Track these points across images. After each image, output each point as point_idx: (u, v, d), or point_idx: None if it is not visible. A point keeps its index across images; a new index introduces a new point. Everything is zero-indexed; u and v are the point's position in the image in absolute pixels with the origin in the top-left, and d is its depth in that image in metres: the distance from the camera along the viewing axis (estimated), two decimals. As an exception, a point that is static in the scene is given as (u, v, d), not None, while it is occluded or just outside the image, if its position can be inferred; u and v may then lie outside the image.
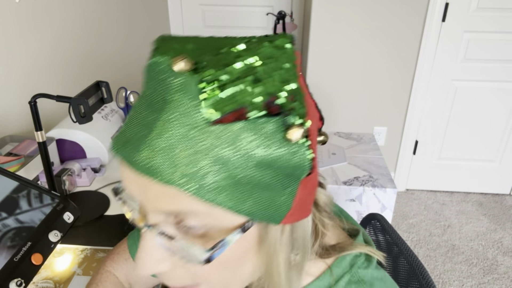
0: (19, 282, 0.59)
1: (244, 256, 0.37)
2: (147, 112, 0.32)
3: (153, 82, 0.32)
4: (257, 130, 0.31)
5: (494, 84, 2.28)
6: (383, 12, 2.18)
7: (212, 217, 0.33)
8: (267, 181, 0.33)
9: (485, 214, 2.39)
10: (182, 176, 0.30)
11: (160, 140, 0.31)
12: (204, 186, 0.30)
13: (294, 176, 0.34)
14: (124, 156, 0.33)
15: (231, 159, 0.31)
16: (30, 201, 0.68)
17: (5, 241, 0.61)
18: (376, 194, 1.68)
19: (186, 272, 0.37)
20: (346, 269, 0.44)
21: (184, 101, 0.30)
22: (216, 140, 0.30)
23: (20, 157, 1.11)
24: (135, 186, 0.34)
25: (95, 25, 1.74)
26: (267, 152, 0.32)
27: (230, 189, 0.31)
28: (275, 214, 0.35)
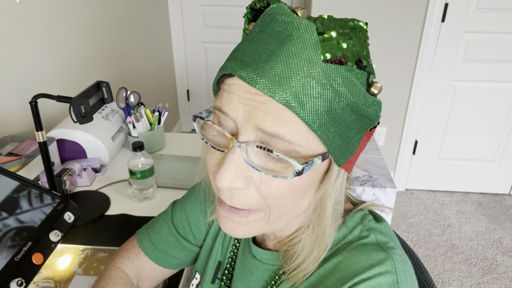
0: (20, 281, 0.59)
1: (309, 187, 0.43)
2: (269, 41, 0.39)
3: (277, 21, 0.39)
4: (352, 77, 0.39)
5: (494, 84, 2.29)
6: (382, 13, 2.18)
7: (305, 139, 0.39)
8: (350, 123, 0.41)
9: (485, 214, 2.39)
10: (292, 98, 0.37)
11: (282, 66, 0.37)
12: (309, 110, 0.38)
13: (364, 125, 0.43)
14: (245, 75, 0.38)
15: (331, 95, 0.38)
16: (31, 201, 0.68)
17: (6, 241, 0.61)
18: (375, 194, 1.68)
19: (256, 194, 0.42)
20: (358, 222, 0.51)
21: (305, 38, 0.38)
22: (324, 75, 0.38)
23: (21, 157, 1.11)
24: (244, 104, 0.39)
25: (96, 26, 1.75)
26: (357, 97, 0.40)
27: (324, 119, 0.38)
28: (344, 153, 0.42)
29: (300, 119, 0.38)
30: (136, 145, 1.06)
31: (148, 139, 1.37)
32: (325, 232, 0.46)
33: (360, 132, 0.42)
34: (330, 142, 0.40)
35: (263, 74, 0.38)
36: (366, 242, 0.48)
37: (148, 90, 2.46)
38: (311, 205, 0.45)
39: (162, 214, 0.71)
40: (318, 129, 0.39)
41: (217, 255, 0.64)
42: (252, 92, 0.39)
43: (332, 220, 0.46)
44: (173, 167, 1.28)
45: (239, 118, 0.40)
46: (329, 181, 0.44)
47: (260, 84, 0.38)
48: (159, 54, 2.67)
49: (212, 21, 2.88)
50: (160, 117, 1.41)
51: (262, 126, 0.39)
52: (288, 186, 0.41)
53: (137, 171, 1.07)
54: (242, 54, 0.40)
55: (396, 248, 0.48)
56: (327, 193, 0.44)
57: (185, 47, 2.99)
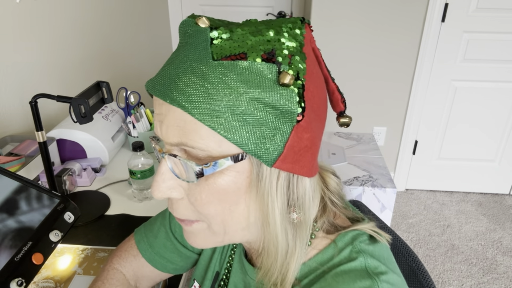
0: (20, 281, 0.59)
1: (238, 192, 0.41)
2: (173, 54, 0.42)
3: (181, 34, 0.42)
4: (253, 70, 0.38)
5: (494, 84, 2.29)
6: (382, 12, 2.18)
7: (211, 142, 0.39)
8: (258, 117, 0.38)
9: (485, 214, 2.39)
10: (182, 98, 0.38)
11: (174, 71, 0.39)
12: (204, 110, 0.37)
13: (285, 119, 0.39)
14: (148, 87, 0.41)
15: (225, 91, 0.37)
16: (31, 201, 0.68)
17: (6, 241, 0.61)
18: (375, 194, 1.68)
19: (190, 203, 0.43)
20: (348, 242, 0.47)
21: (197, 42, 0.40)
22: (214, 72, 0.38)
23: (21, 157, 1.11)
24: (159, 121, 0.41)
25: (96, 26, 1.75)
26: (258, 89, 0.38)
27: (224, 116, 0.37)
28: (266, 152, 0.39)
29: (197, 121, 0.38)
30: (136, 145, 1.06)
31: (148, 139, 1.37)
32: (277, 243, 0.43)
33: (280, 127, 0.39)
34: (240, 140, 0.38)
35: (160, 80, 0.40)
36: (353, 267, 0.44)
37: (148, 90, 2.46)
38: (251, 212, 0.43)
39: (160, 216, 0.70)
40: (218, 127, 0.37)
41: (215, 266, 0.63)
42: (159, 103, 0.41)
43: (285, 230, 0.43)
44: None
45: (159, 134, 0.42)
46: (261, 183, 0.41)
47: (156, 90, 0.40)
48: (159, 54, 2.67)
49: (212, 21, 2.88)
50: (160, 117, 1.41)
51: (167, 140, 0.41)
52: (210, 192, 0.41)
53: (137, 171, 1.07)
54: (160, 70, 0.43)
55: (387, 273, 0.43)
56: (265, 197, 0.41)
57: (185, 47, 2.99)
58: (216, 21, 0.43)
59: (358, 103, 2.43)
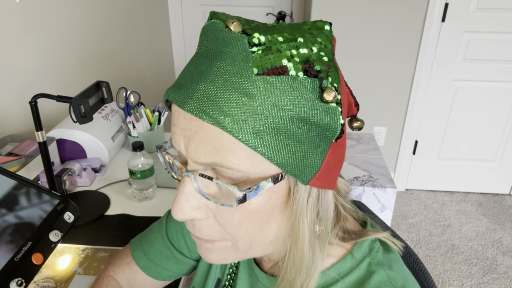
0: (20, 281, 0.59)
1: (272, 212, 0.40)
2: (202, 61, 0.37)
3: (209, 38, 0.38)
4: (296, 86, 0.35)
5: (494, 84, 2.29)
6: (382, 12, 2.18)
7: (248, 162, 0.36)
8: (301, 136, 0.37)
9: (485, 214, 2.39)
10: (224, 117, 0.34)
11: (211, 85, 0.35)
12: (245, 129, 0.34)
13: (325, 137, 0.38)
14: (176, 99, 0.37)
15: (271, 109, 0.35)
16: (31, 201, 0.68)
17: (6, 241, 0.61)
18: (376, 194, 1.68)
19: (216, 223, 0.40)
20: (366, 253, 0.47)
21: (234, 52, 0.35)
22: (257, 88, 0.35)
23: (21, 157, 1.11)
24: (183, 136, 0.38)
25: (96, 25, 1.75)
26: (303, 108, 0.36)
27: (268, 136, 0.35)
28: (305, 171, 0.38)
29: (236, 140, 0.35)
30: (136, 145, 1.06)
31: (148, 139, 1.37)
32: (303, 257, 0.42)
33: (320, 145, 0.38)
34: (280, 160, 0.36)
35: (192, 94, 0.36)
36: (378, 283, 0.44)
37: (148, 90, 2.46)
38: (281, 229, 0.42)
39: (157, 224, 0.70)
40: (259, 147, 0.35)
41: (216, 272, 0.62)
42: (187, 118, 0.37)
43: (311, 244, 0.42)
44: (173, 167, 1.28)
45: (182, 150, 0.39)
46: (295, 202, 0.40)
47: (189, 105, 0.36)
48: (159, 54, 2.67)
49: (212, 21, 2.88)
50: (160, 117, 1.41)
51: (197, 159, 0.37)
52: (244, 214, 0.39)
53: (137, 171, 1.07)
54: (179, 78, 0.39)
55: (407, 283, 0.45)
56: (297, 214, 0.40)
57: (185, 47, 2.99)
58: (246, 24, 0.39)
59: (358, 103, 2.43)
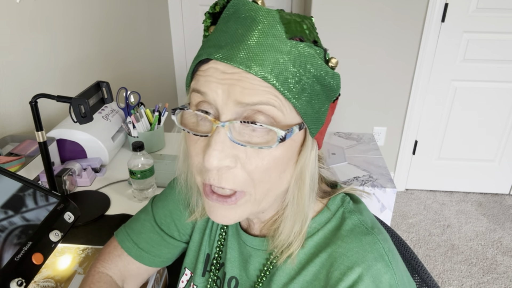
0: (20, 281, 0.60)
1: (290, 160, 0.46)
2: (235, 27, 0.43)
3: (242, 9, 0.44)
4: (313, 52, 0.44)
5: (494, 84, 2.29)
6: (382, 12, 2.18)
7: (281, 111, 0.42)
8: (317, 92, 0.45)
9: (485, 214, 2.39)
10: (266, 71, 0.41)
11: (254, 43, 0.41)
12: (282, 81, 0.41)
13: (329, 97, 0.47)
14: (221, 56, 0.41)
15: (298, 67, 0.42)
16: (31, 201, 0.68)
17: (6, 241, 0.61)
18: (375, 194, 1.68)
19: (242, 172, 0.44)
20: (339, 205, 0.55)
21: (269, 19, 0.42)
22: (291, 49, 0.42)
23: (21, 157, 1.11)
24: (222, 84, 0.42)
25: (96, 26, 1.75)
26: (320, 69, 0.44)
27: (297, 89, 0.42)
28: (316, 122, 0.46)
29: (275, 90, 0.41)
30: (136, 145, 1.06)
31: (148, 139, 1.37)
32: (304, 203, 0.49)
33: (326, 102, 0.47)
34: (304, 111, 0.44)
35: (237, 52, 0.41)
36: (352, 226, 0.52)
37: (148, 90, 2.46)
38: (293, 178, 0.48)
39: (142, 213, 0.71)
40: (293, 98, 0.42)
41: (205, 248, 0.65)
42: (228, 72, 0.41)
43: (310, 192, 0.49)
44: (173, 167, 1.28)
45: (219, 98, 0.42)
46: (306, 152, 0.47)
47: (236, 61, 0.41)
48: (159, 54, 2.67)
49: (212, 21, 2.88)
50: (160, 117, 1.41)
51: (242, 100, 0.41)
52: (272, 158, 0.44)
53: (137, 171, 1.07)
54: (213, 42, 0.43)
55: (375, 227, 0.52)
56: (305, 164, 0.47)
57: (185, 47, 2.99)
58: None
59: (358, 103, 2.43)
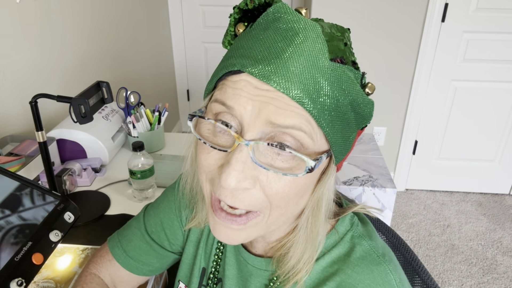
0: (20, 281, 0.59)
1: (309, 186, 0.43)
2: (275, 38, 0.39)
3: (283, 19, 0.40)
4: (352, 76, 0.41)
5: (494, 84, 2.29)
6: (382, 12, 2.18)
7: (311, 138, 0.39)
8: (349, 120, 0.42)
9: (485, 214, 2.39)
10: (304, 95, 0.37)
11: (294, 62, 0.37)
12: (318, 108, 0.38)
13: (359, 124, 0.44)
14: (257, 72, 0.38)
15: (338, 92, 0.39)
16: (31, 201, 0.68)
17: (6, 241, 0.61)
18: (375, 194, 1.68)
19: (261, 194, 0.41)
20: (348, 228, 0.52)
21: (313, 36, 0.39)
22: (332, 73, 0.39)
23: (21, 157, 1.11)
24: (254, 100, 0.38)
25: (96, 25, 1.75)
26: (357, 96, 0.41)
27: (331, 116, 0.39)
28: (343, 151, 0.43)
29: (309, 116, 0.38)
30: (136, 145, 1.06)
31: (148, 139, 1.37)
32: (318, 230, 0.47)
33: (355, 130, 0.44)
34: (334, 140, 0.41)
35: (276, 70, 0.37)
36: (362, 254, 0.49)
37: (148, 90, 2.46)
38: (309, 204, 0.45)
39: (135, 220, 0.70)
40: (327, 126, 0.39)
41: (201, 262, 0.62)
42: (262, 88, 0.38)
43: (325, 219, 0.47)
44: (173, 167, 1.28)
45: (247, 114, 0.39)
46: (327, 179, 0.44)
47: (274, 81, 0.37)
48: (159, 54, 2.67)
49: (212, 21, 2.88)
50: (160, 117, 1.41)
51: (275, 120, 0.38)
52: (295, 185, 0.41)
53: (137, 171, 1.07)
54: (248, 51, 0.39)
55: (384, 251, 0.50)
56: (325, 191, 0.45)
57: (185, 47, 2.99)
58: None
59: (358, 103, 2.43)
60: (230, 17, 0.44)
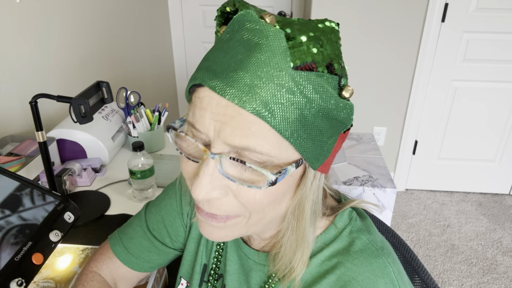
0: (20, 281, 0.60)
1: (286, 193, 0.44)
2: (237, 50, 0.38)
3: (245, 28, 0.39)
4: (322, 82, 0.39)
5: (494, 84, 2.29)
6: (383, 12, 2.18)
7: (277, 149, 0.39)
8: (322, 127, 0.41)
9: (485, 214, 2.39)
10: (262, 107, 0.37)
11: (251, 75, 0.37)
12: (281, 120, 0.37)
13: (337, 129, 0.43)
14: (214, 85, 0.38)
15: (302, 102, 0.38)
16: (31, 201, 0.68)
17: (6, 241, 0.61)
18: (375, 194, 1.68)
19: (235, 200, 0.42)
20: (346, 222, 0.52)
21: (274, 46, 0.37)
22: (294, 82, 0.37)
23: (21, 157, 1.11)
24: (215, 120, 0.39)
25: (96, 26, 1.75)
26: (328, 103, 0.39)
27: (298, 127, 0.39)
28: (319, 158, 0.42)
29: (271, 128, 0.38)
30: (136, 145, 1.06)
31: (148, 139, 1.37)
32: (304, 233, 0.47)
33: (333, 135, 0.43)
34: (304, 149, 0.40)
35: (232, 84, 0.37)
36: (361, 247, 0.50)
37: (148, 90, 2.46)
38: (289, 209, 0.46)
39: (136, 218, 0.71)
40: (291, 137, 0.39)
41: (202, 259, 0.64)
42: (222, 104, 0.38)
43: (311, 221, 0.47)
44: (173, 167, 1.28)
45: (211, 133, 0.40)
46: (305, 185, 0.44)
47: (230, 94, 0.37)
48: (159, 54, 2.67)
49: (212, 21, 2.88)
50: (160, 117, 1.41)
51: (231, 142, 0.39)
52: (265, 194, 0.41)
53: (137, 171, 1.07)
54: (212, 63, 0.40)
55: (384, 247, 0.50)
56: (304, 196, 0.45)
57: (185, 47, 2.99)
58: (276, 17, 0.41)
59: (358, 103, 2.43)
60: (216, 20, 0.45)
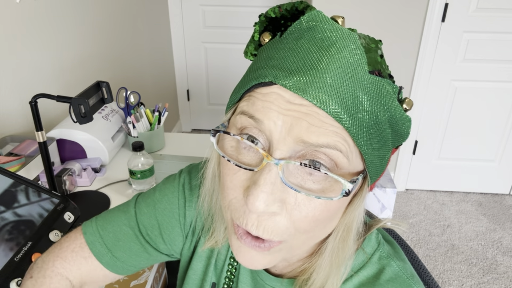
0: (20, 281, 0.60)
1: (340, 209, 0.40)
2: (311, 49, 0.35)
3: (318, 28, 0.36)
4: (390, 90, 0.37)
5: (494, 84, 2.29)
6: (382, 12, 2.18)
7: (347, 157, 0.36)
8: (386, 138, 0.38)
9: (485, 214, 2.39)
10: (342, 110, 0.34)
11: (332, 75, 0.34)
12: (359, 125, 0.35)
13: (396, 142, 0.40)
14: (291, 84, 0.34)
15: (378, 108, 0.36)
16: (31, 201, 0.68)
17: (6, 241, 0.61)
18: (375, 194, 1.68)
19: (286, 220, 0.37)
20: (375, 247, 0.49)
21: (351, 47, 0.35)
22: (371, 85, 0.35)
23: (21, 157, 1.11)
24: (285, 115, 0.35)
25: (96, 25, 1.75)
26: (396, 112, 0.37)
27: (369, 133, 0.36)
28: (378, 171, 0.39)
29: (346, 133, 0.35)
30: (136, 145, 1.06)
31: (148, 139, 1.37)
32: (345, 256, 0.43)
33: (391, 149, 0.40)
34: (370, 160, 0.37)
35: (312, 83, 0.34)
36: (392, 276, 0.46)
37: (148, 90, 2.46)
38: (339, 228, 0.42)
39: (122, 214, 0.59)
40: (364, 145, 0.36)
41: (211, 278, 0.57)
42: (295, 102, 0.34)
43: (353, 243, 0.43)
44: (173, 167, 1.28)
45: (277, 130, 0.35)
46: (358, 201, 0.40)
47: (309, 94, 0.34)
48: (159, 54, 2.67)
49: (212, 21, 2.88)
50: (160, 117, 1.41)
51: (307, 139, 0.34)
52: (326, 208, 0.37)
53: (137, 171, 1.07)
54: (280, 62, 0.36)
55: (414, 275, 0.47)
56: (356, 214, 0.41)
57: (185, 47, 2.99)
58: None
59: (358, 103, 2.43)
60: (255, 26, 0.41)
